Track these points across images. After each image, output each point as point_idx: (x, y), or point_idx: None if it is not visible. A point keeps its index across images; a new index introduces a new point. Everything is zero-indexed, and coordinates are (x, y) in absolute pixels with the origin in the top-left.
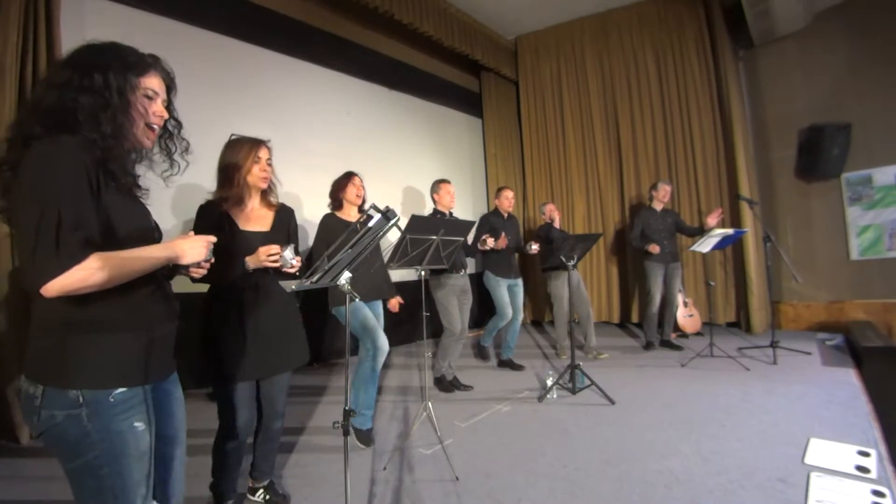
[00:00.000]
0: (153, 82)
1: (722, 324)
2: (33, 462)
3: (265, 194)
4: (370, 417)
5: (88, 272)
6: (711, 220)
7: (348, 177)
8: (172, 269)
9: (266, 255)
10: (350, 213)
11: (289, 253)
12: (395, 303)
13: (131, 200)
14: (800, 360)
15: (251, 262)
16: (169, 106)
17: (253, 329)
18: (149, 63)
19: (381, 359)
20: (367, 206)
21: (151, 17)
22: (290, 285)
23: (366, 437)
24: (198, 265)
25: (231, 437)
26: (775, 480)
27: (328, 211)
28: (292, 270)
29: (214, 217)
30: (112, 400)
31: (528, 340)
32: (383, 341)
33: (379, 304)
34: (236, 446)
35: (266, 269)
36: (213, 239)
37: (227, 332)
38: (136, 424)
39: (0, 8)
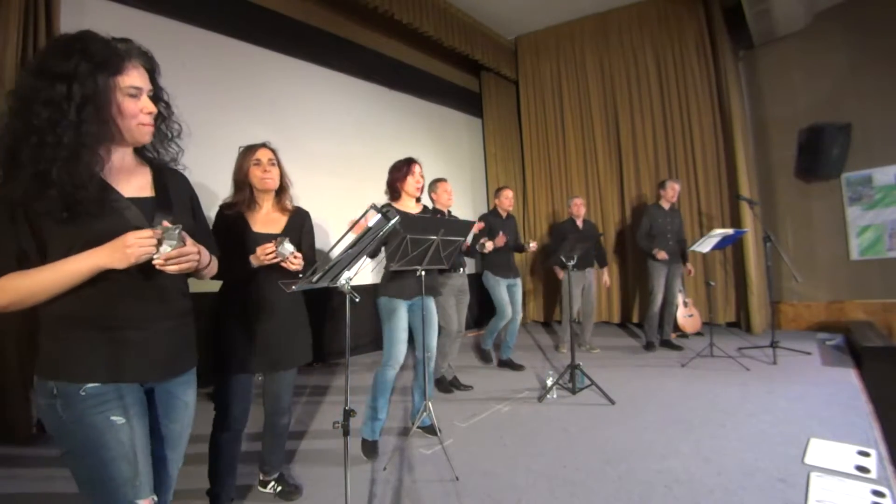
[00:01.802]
0: (133, 77)
1: (722, 324)
2: (33, 461)
3: (280, 198)
4: (377, 430)
5: None
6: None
7: (409, 164)
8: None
9: (263, 254)
10: (408, 205)
11: (286, 247)
12: None
13: (84, 219)
14: (800, 360)
15: (254, 260)
16: (156, 92)
17: (257, 324)
18: (122, 56)
19: (391, 371)
20: (368, 206)
21: (151, 17)
22: (291, 286)
23: (369, 449)
24: (158, 261)
25: (225, 429)
26: (775, 480)
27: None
28: (293, 267)
29: (230, 220)
30: (83, 394)
31: (528, 340)
32: (399, 351)
33: (428, 304)
34: (230, 439)
35: (275, 269)
36: (144, 233)
37: (230, 325)
38: (114, 418)
39: (0, 7)
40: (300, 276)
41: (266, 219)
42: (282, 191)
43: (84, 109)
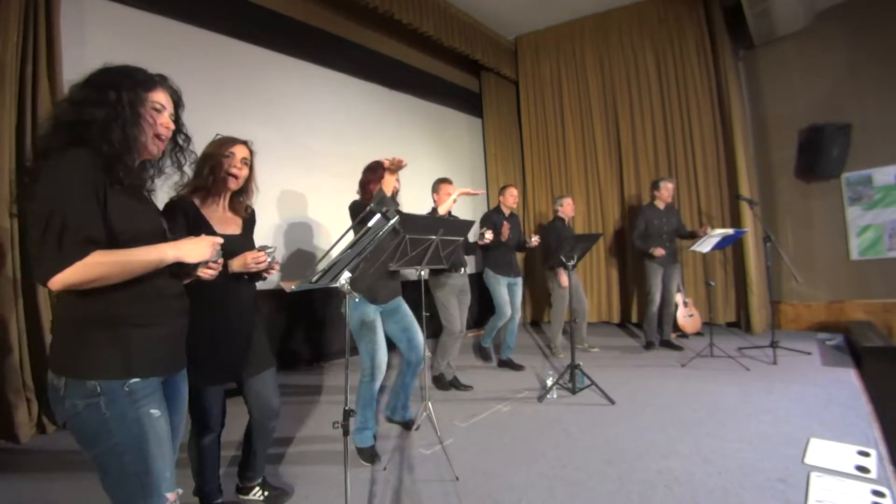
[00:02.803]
0: (160, 97)
1: (722, 324)
2: (33, 462)
3: (237, 199)
4: (369, 437)
5: (88, 267)
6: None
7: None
8: (179, 268)
9: (254, 261)
10: None
11: (275, 257)
12: None
13: (139, 203)
14: (800, 360)
15: (236, 266)
16: (177, 121)
17: (225, 332)
18: (156, 80)
19: (376, 384)
20: (368, 206)
21: (151, 17)
22: (291, 286)
23: (366, 455)
24: (206, 266)
25: (207, 432)
26: (775, 480)
27: (356, 199)
28: (272, 273)
29: (190, 216)
30: (127, 389)
31: (527, 340)
32: (381, 362)
33: (402, 306)
34: (213, 439)
35: (240, 274)
36: (220, 240)
37: (197, 335)
38: (153, 411)
39: (0, 7)
40: (263, 278)
41: (223, 218)
42: (243, 192)
43: (133, 110)
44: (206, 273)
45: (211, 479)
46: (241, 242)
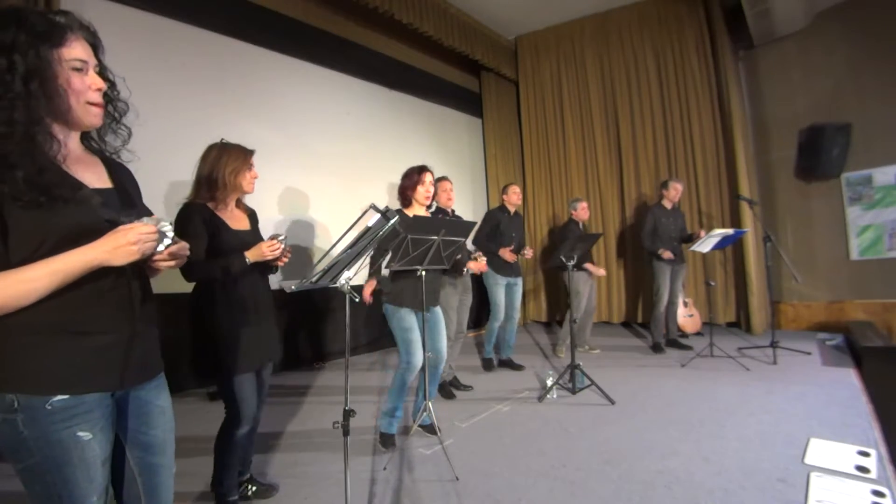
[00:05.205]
0: (77, 50)
1: (722, 324)
2: None
3: (240, 198)
4: (395, 425)
5: None
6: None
7: (420, 172)
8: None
9: (269, 249)
10: (417, 213)
11: (285, 243)
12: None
13: (56, 205)
14: (800, 360)
15: (252, 256)
16: (102, 70)
17: (252, 321)
18: (65, 27)
19: (411, 374)
20: (368, 206)
21: (151, 17)
22: (291, 285)
23: (387, 441)
24: (166, 252)
25: (241, 424)
26: (775, 480)
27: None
28: (284, 262)
29: (207, 217)
30: (49, 407)
31: (528, 340)
32: (416, 357)
33: (436, 311)
34: (246, 433)
35: (255, 266)
36: (150, 227)
37: (232, 325)
38: (80, 434)
39: None
40: (274, 270)
41: (233, 216)
42: None
43: (31, 82)
44: (161, 264)
45: (232, 474)
46: (253, 236)
